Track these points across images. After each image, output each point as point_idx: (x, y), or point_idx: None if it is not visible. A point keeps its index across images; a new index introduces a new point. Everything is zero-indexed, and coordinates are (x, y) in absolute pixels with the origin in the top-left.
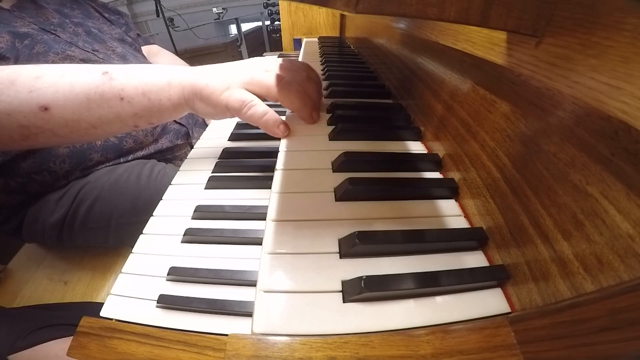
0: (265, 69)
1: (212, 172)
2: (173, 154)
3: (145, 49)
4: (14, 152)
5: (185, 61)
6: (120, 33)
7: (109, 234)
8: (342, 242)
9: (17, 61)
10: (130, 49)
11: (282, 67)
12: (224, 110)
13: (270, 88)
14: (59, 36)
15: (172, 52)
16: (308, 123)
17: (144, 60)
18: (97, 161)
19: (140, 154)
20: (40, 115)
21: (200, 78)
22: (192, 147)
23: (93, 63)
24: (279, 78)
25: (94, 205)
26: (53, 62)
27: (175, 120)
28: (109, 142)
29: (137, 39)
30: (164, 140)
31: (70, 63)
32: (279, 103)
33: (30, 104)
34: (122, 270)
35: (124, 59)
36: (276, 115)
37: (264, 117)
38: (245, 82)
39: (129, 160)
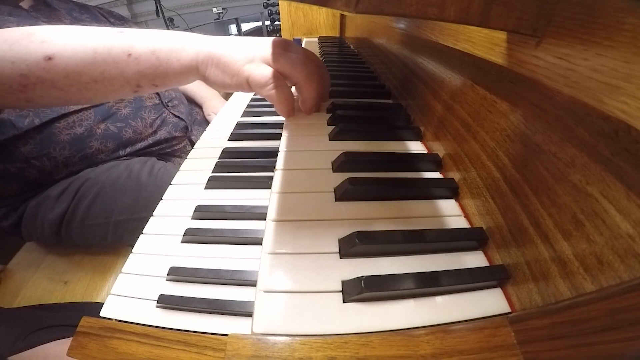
0: (289, 51)
1: (212, 172)
2: (171, 148)
3: None
4: (11, 133)
5: None
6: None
7: (108, 231)
8: (342, 242)
9: None
10: None
11: (304, 54)
12: (242, 82)
13: (295, 72)
14: None
15: None
16: (308, 113)
17: None
18: (97, 149)
19: (138, 145)
20: (43, 64)
21: (220, 46)
22: (191, 142)
23: None
24: (304, 65)
25: (94, 201)
26: None
27: (174, 114)
28: (109, 130)
29: None
30: (162, 131)
31: None
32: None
33: (36, 53)
34: (122, 270)
35: None
36: (292, 98)
37: (286, 100)
38: (269, 58)
39: (128, 153)
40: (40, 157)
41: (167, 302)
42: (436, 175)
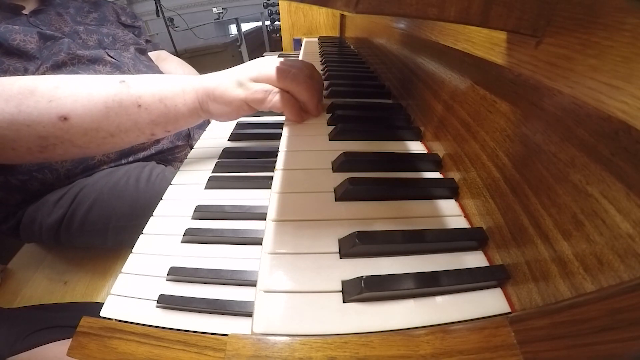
0: (270, 65)
1: (212, 172)
2: (173, 155)
3: (154, 55)
4: None
5: (185, 61)
6: (134, 38)
7: (107, 237)
8: (342, 242)
9: (42, 61)
10: (140, 55)
11: (286, 63)
12: (241, 106)
13: (279, 79)
14: (73, 40)
15: (172, 52)
16: (313, 115)
17: (152, 65)
18: (99, 160)
19: (141, 155)
20: (60, 125)
21: (211, 80)
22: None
23: (103, 63)
24: (287, 71)
25: (92, 207)
26: (63, 61)
27: None
28: None
29: (147, 45)
30: (164, 141)
31: (79, 62)
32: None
33: (49, 114)
34: (122, 270)
35: (133, 63)
36: (296, 102)
37: (290, 104)
38: (254, 77)
39: (130, 162)
40: (42, 169)
41: (167, 302)
42: (436, 175)
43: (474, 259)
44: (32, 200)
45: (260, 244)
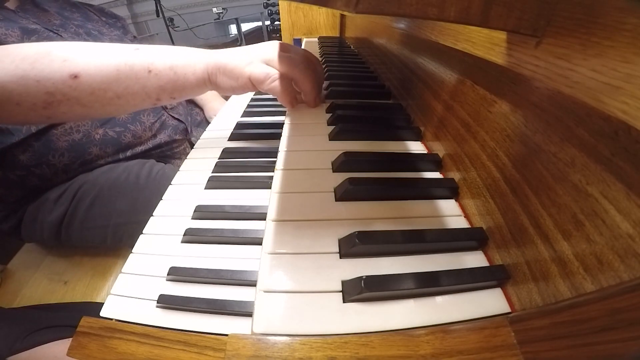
0: (283, 51)
1: (212, 172)
2: (172, 150)
3: None
4: (10, 141)
5: None
6: (119, 35)
7: (107, 234)
8: (342, 242)
9: None
10: None
11: (296, 53)
12: (246, 82)
13: (286, 66)
14: (61, 35)
15: None
16: (310, 106)
17: None
18: (96, 155)
19: (139, 149)
20: (69, 82)
21: (224, 55)
22: (190, 144)
23: None
24: (295, 59)
25: (92, 204)
26: None
27: (173, 116)
28: (108, 135)
29: (134, 42)
30: (162, 135)
31: None
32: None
33: (62, 72)
34: (122, 270)
35: None
36: (293, 89)
37: (286, 91)
38: (266, 59)
39: (128, 157)
40: (40, 164)
41: (167, 302)
42: (436, 175)
43: (474, 259)
44: (31, 196)
45: (260, 244)
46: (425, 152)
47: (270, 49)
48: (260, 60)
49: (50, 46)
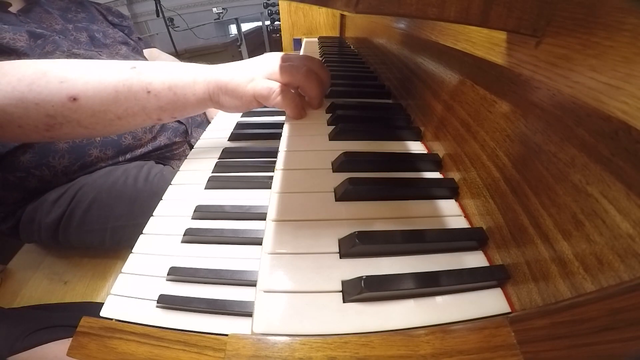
0: (284, 61)
1: (212, 172)
2: (171, 152)
3: (146, 52)
4: (12, 145)
5: (185, 61)
6: (123, 36)
7: (105, 236)
8: (342, 242)
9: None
10: (133, 52)
11: (299, 60)
12: (251, 100)
13: (290, 76)
14: (65, 37)
15: (172, 52)
16: (315, 108)
17: None
18: (96, 157)
19: (138, 152)
20: (69, 105)
21: (224, 73)
22: (190, 146)
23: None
24: (300, 69)
25: (90, 207)
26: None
27: None
28: (108, 138)
29: (139, 42)
30: (162, 137)
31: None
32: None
33: (60, 94)
34: (122, 270)
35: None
36: (299, 100)
37: (293, 103)
38: (268, 73)
39: (127, 159)
40: (40, 166)
41: (167, 302)
42: (436, 175)
43: (474, 259)
44: (31, 198)
45: (260, 244)
46: (425, 152)
47: (271, 61)
48: (263, 76)
49: (45, 66)
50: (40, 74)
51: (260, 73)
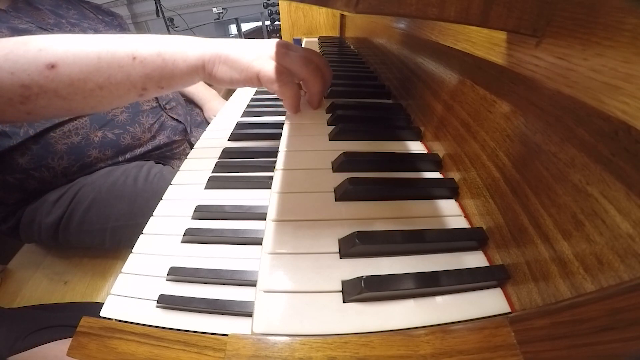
0: (290, 49)
1: (212, 172)
2: (171, 151)
3: None
4: (7, 145)
5: None
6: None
7: (105, 236)
8: (342, 242)
9: None
10: None
11: (307, 52)
12: (252, 77)
13: (301, 68)
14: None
15: None
16: (314, 107)
17: None
18: (95, 157)
19: (138, 151)
20: (46, 73)
21: (227, 46)
22: (190, 145)
23: None
24: (308, 62)
25: (90, 207)
26: None
27: (172, 117)
28: (107, 138)
29: None
30: (161, 136)
31: None
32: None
33: (37, 62)
34: (122, 270)
35: None
36: (300, 94)
37: (295, 96)
38: (275, 57)
39: (127, 159)
40: (39, 167)
41: (167, 302)
42: (436, 175)
43: (474, 259)
44: (31, 199)
45: (260, 244)
46: (425, 152)
47: (278, 46)
48: (269, 57)
49: (28, 37)
50: (20, 44)
51: (267, 54)
